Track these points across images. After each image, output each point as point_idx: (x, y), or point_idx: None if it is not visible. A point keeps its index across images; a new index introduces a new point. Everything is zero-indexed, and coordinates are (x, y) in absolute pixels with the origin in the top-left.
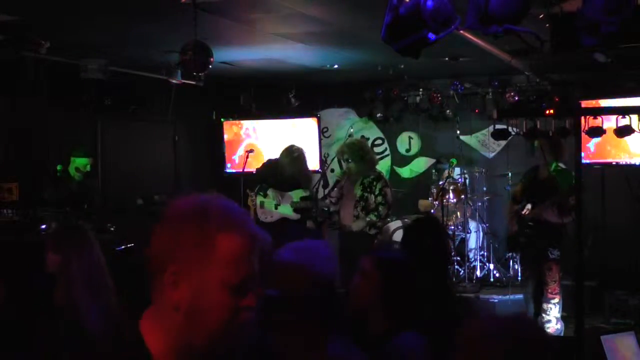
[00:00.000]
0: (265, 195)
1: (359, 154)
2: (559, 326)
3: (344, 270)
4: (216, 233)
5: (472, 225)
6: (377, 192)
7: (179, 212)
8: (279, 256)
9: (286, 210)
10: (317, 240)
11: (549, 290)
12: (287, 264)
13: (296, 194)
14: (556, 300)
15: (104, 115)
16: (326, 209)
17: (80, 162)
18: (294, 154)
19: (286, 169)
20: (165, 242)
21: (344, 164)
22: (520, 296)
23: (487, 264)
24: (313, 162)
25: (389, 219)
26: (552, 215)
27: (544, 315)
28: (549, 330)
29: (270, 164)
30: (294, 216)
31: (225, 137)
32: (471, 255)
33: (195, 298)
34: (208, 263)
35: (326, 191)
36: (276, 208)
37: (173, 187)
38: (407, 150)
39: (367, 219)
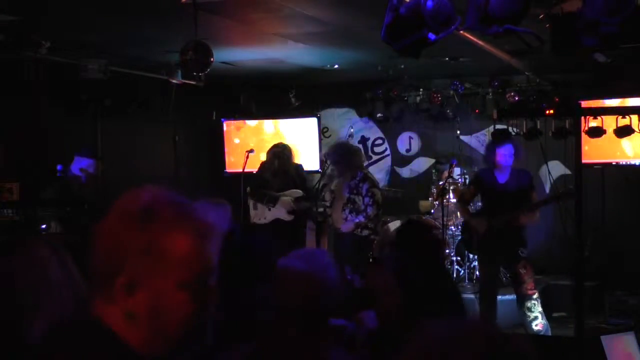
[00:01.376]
0: (262, 199)
1: (342, 156)
2: (544, 321)
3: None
4: (163, 236)
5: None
6: (364, 194)
7: (122, 216)
8: (286, 264)
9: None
10: (316, 248)
11: (528, 288)
12: (297, 271)
13: (290, 195)
14: (536, 295)
15: (104, 115)
16: (322, 209)
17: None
18: (277, 154)
19: (274, 170)
20: (111, 250)
21: (328, 167)
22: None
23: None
24: (313, 162)
25: (382, 220)
26: (527, 218)
27: (528, 313)
28: (537, 327)
29: (265, 166)
30: (288, 217)
31: (226, 137)
32: (471, 255)
33: (152, 306)
34: (162, 269)
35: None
36: (269, 209)
37: (173, 187)
38: (407, 150)
39: (356, 220)
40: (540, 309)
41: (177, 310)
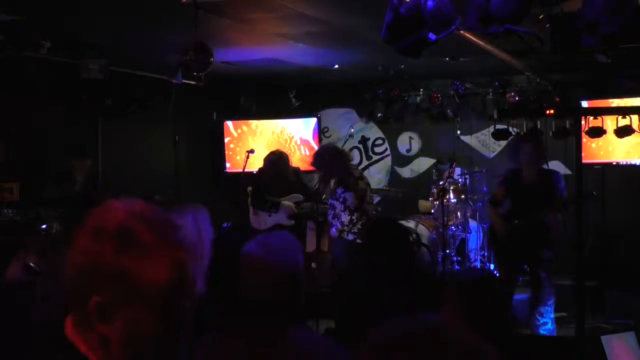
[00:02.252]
0: (262, 206)
1: (322, 161)
2: (552, 327)
3: (334, 275)
4: (140, 262)
5: (473, 225)
6: (339, 199)
7: (99, 236)
8: (245, 249)
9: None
10: (282, 232)
11: (546, 292)
12: (251, 256)
13: (291, 200)
14: (552, 301)
15: (104, 115)
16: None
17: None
18: (273, 162)
19: (271, 177)
20: (86, 268)
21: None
22: (522, 296)
23: (488, 264)
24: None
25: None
26: (554, 218)
27: (539, 317)
28: (544, 333)
29: (259, 176)
30: (288, 222)
31: (226, 137)
32: (472, 255)
33: (127, 332)
34: (136, 296)
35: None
36: (270, 215)
37: (173, 187)
38: (408, 151)
39: (336, 226)
40: (552, 315)
41: (152, 335)
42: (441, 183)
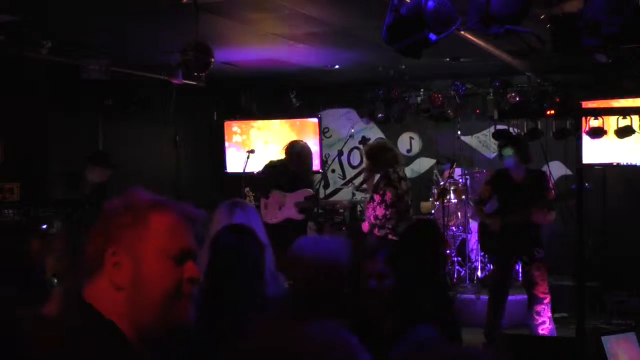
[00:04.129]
0: (267, 197)
1: (369, 154)
2: (551, 326)
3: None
4: (148, 213)
5: (473, 225)
6: (379, 192)
7: (111, 207)
8: (296, 248)
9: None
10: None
11: (541, 290)
12: (303, 255)
13: (301, 194)
14: (547, 300)
15: (105, 115)
16: (322, 210)
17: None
18: (296, 151)
19: (291, 168)
20: (101, 232)
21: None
22: (520, 297)
23: (488, 265)
24: (314, 163)
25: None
26: (542, 217)
27: (536, 316)
28: (543, 332)
29: (274, 165)
30: (299, 217)
31: (226, 137)
32: (472, 255)
33: (137, 271)
34: (145, 237)
35: (327, 191)
36: (280, 209)
37: (174, 187)
38: (408, 151)
39: (371, 218)
40: (549, 314)
41: (159, 279)
42: (442, 183)
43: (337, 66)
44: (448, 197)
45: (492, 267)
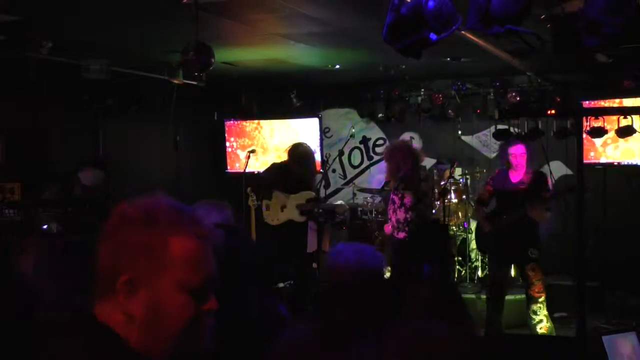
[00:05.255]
0: (270, 198)
1: (388, 154)
2: (549, 324)
3: None
4: (167, 236)
5: (474, 225)
6: (399, 195)
7: (125, 219)
8: (339, 257)
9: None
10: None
11: (536, 290)
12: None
13: (302, 196)
14: (543, 298)
15: (105, 115)
16: (322, 211)
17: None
18: (299, 153)
19: (294, 170)
20: (113, 251)
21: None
22: (523, 297)
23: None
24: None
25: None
26: (538, 213)
27: (533, 316)
28: (541, 330)
29: (277, 167)
30: (300, 218)
31: (227, 137)
32: (472, 255)
33: (152, 306)
34: (163, 267)
35: (328, 191)
36: (282, 210)
37: (174, 187)
38: None
39: (392, 221)
40: (545, 312)
41: (176, 313)
42: (442, 183)
43: (337, 66)
44: (448, 196)
45: (488, 265)
